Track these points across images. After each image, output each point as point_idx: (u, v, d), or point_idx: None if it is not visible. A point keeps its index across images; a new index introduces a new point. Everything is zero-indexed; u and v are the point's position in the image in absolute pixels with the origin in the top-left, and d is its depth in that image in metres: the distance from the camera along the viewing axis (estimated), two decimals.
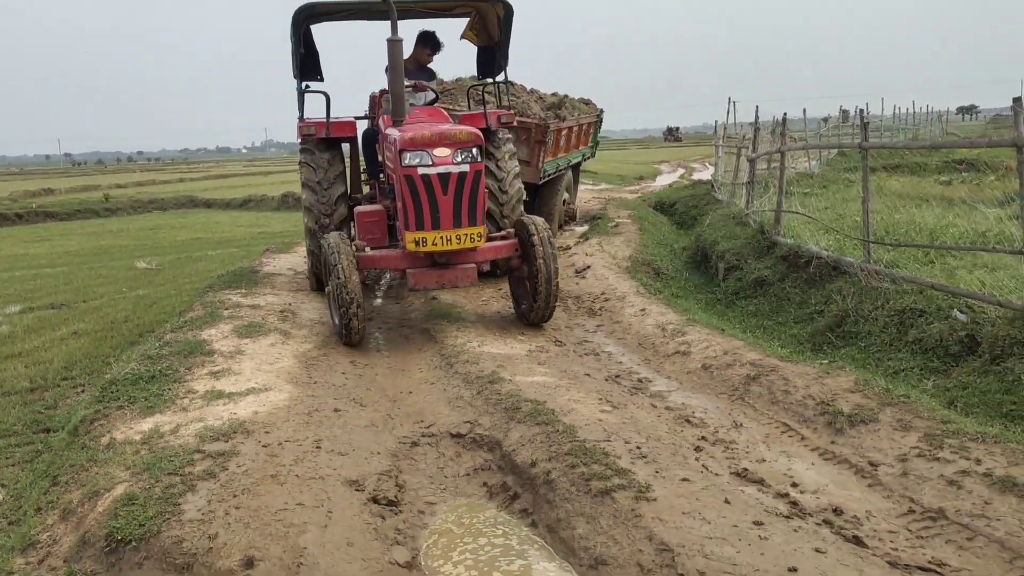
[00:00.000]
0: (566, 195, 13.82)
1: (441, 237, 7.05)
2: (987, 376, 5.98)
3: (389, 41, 7.37)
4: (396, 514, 4.51)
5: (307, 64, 9.17)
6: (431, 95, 9.19)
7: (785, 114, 11.51)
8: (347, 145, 9.90)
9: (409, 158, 6.98)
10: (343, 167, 9.17)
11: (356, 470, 4.81)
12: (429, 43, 9.31)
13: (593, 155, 15.62)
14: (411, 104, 8.47)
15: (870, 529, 4.10)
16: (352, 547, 3.99)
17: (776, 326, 8.21)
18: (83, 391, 7.01)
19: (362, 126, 9.86)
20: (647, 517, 4.00)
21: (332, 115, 9.21)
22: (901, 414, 5.17)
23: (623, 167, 42.55)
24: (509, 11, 8.73)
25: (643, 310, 8.47)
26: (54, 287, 13.50)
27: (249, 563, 3.81)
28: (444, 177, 6.99)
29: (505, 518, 4.57)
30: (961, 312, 6.72)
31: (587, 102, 14.57)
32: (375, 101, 9.42)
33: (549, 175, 12.37)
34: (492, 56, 9.35)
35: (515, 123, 9.39)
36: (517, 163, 9.25)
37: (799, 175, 19.54)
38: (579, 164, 14.79)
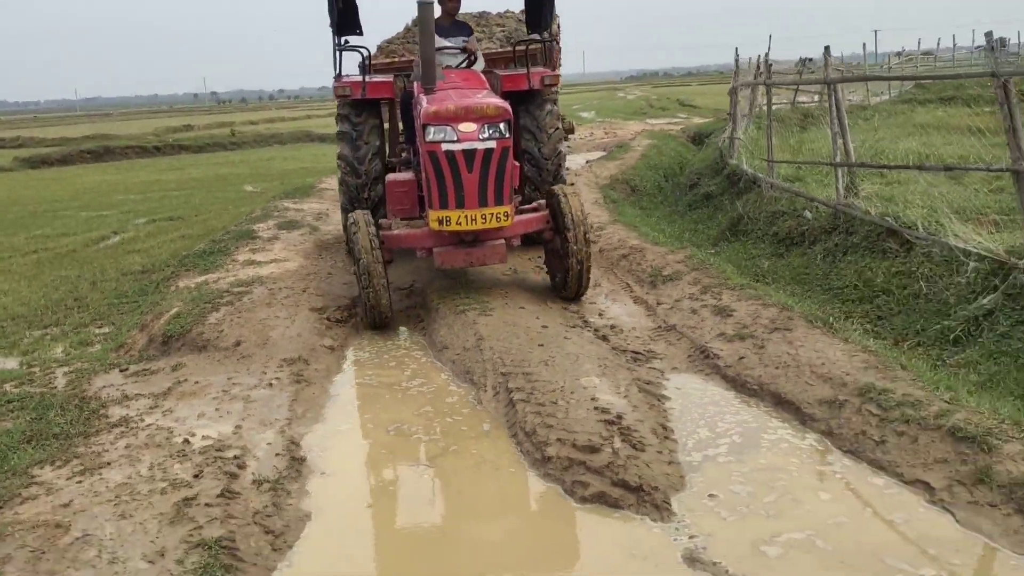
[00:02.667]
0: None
1: (466, 216, 6.64)
2: (802, 256, 8.08)
3: (420, 3, 6.82)
4: (339, 327, 7.12)
5: (345, 16, 8.41)
6: (464, 56, 8.39)
7: (767, 52, 13.05)
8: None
9: (433, 133, 6.59)
10: (380, 132, 8.57)
11: (323, 303, 7.46)
12: None
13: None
14: (447, 67, 8.01)
15: (623, 336, 6.44)
16: (300, 338, 6.64)
17: (702, 228, 10.36)
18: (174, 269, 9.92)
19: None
20: (479, 324, 6.47)
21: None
22: (699, 275, 7.41)
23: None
24: None
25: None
26: (175, 205, 16.68)
27: (237, 343, 6.51)
28: (469, 154, 6.58)
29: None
30: (809, 212, 8.75)
31: None
32: (366, 63, 8.57)
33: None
34: (540, 7, 8.40)
35: (559, 84, 8.70)
36: (560, 123, 8.56)
37: (851, 107, 20.84)
38: None
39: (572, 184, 12.90)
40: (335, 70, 8.69)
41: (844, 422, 4.70)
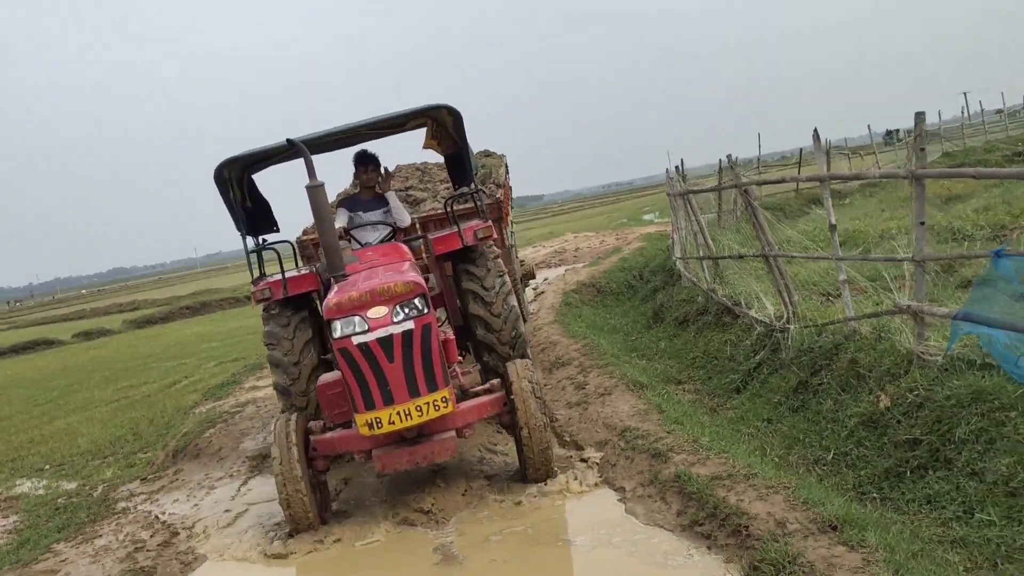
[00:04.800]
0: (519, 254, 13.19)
1: (398, 413, 5.82)
2: (684, 333, 9.87)
3: (308, 188, 6.07)
4: None
5: (256, 216, 7.97)
6: (386, 230, 7.69)
7: (681, 163, 14.07)
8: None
9: (340, 328, 5.83)
10: (313, 322, 7.52)
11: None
12: (368, 161, 7.78)
13: (513, 204, 13.51)
14: (366, 243, 7.55)
15: None
16: (265, 440, 8.78)
17: (638, 318, 12.18)
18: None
19: None
20: None
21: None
22: (585, 359, 9.25)
23: None
24: (457, 118, 7.42)
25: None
26: (245, 347, 19.32)
27: (219, 449, 8.67)
28: (386, 341, 5.80)
29: None
30: (701, 298, 10.52)
31: (489, 154, 13.02)
32: (299, 245, 8.56)
33: (515, 247, 11.81)
34: (462, 162, 7.94)
35: (495, 235, 7.71)
36: (506, 277, 7.47)
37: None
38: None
39: (541, 292, 14.90)
40: (252, 273, 7.77)
41: (606, 454, 6.51)
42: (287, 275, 7.34)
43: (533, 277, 13.96)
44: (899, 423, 5.26)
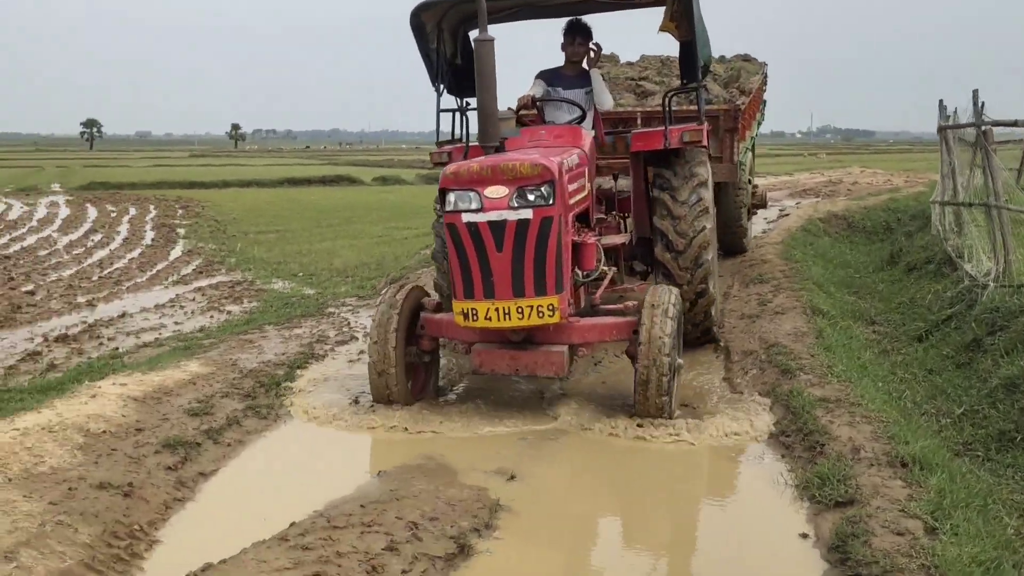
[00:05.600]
0: (750, 177, 11.53)
1: (496, 309, 5.19)
2: (901, 281, 9.34)
3: (475, 42, 5.61)
4: None
5: (466, 76, 7.26)
6: (576, 111, 6.81)
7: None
8: None
9: (453, 200, 5.21)
10: None
11: None
12: (578, 31, 6.92)
13: (763, 119, 12.57)
14: (548, 122, 6.83)
15: None
16: None
17: (875, 254, 11.56)
18: None
19: None
20: None
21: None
22: (784, 280, 9.06)
23: None
24: None
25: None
26: None
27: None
28: (497, 227, 5.12)
29: None
30: (936, 245, 9.80)
31: (747, 59, 12.14)
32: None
33: (743, 166, 10.28)
34: (692, 51, 6.85)
35: (705, 142, 6.84)
36: (707, 196, 6.68)
37: None
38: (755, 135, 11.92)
39: (785, 214, 14.36)
40: (439, 134, 7.46)
41: (742, 361, 6.55)
42: (471, 144, 6.82)
43: (764, 206, 12.47)
44: None
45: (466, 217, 5.16)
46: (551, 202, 5.12)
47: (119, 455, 4.51)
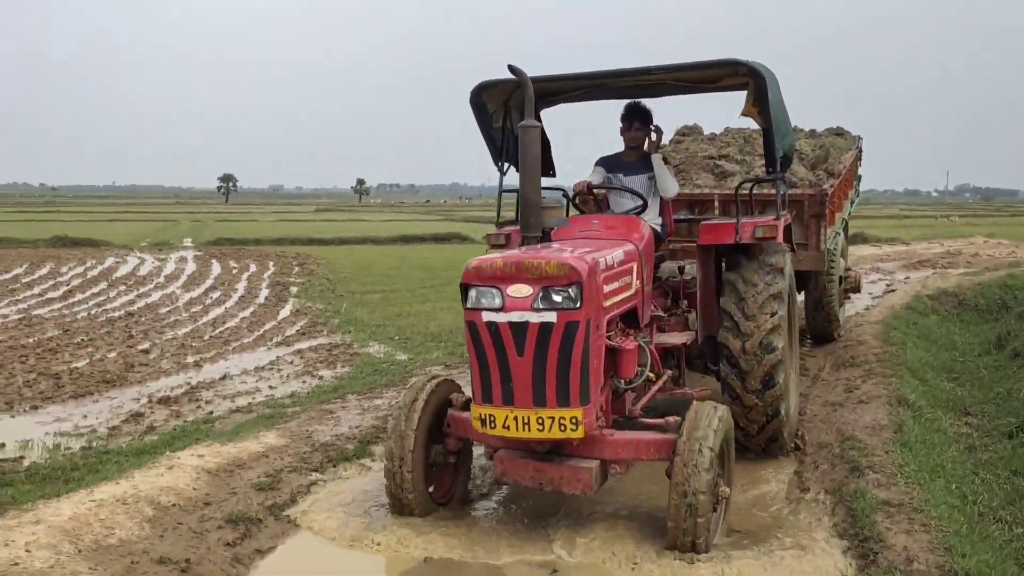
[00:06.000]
0: (843, 262, 10.82)
1: (515, 418, 4.78)
2: (1007, 367, 8.94)
3: (521, 128, 5.24)
4: None
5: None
6: (637, 200, 6.57)
7: None
8: None
9: (475, 296, 4.89)
10: None
11: None
12: (636, 115, 6.79)
13: (858, 195, 12.02)
14: (609, 211, 6.78)
15: None
16: None
17: (983, 336, 11.06)
18: None
19: None
20: None
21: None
22: (875, 366, 8.80)
23: None
24: (760, 81, 6.08)
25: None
26: None
27: None
28: (519, 329, 4.73)
29: None
30: None
31: (839, 132, 11.56)
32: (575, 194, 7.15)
33: (832, 253, 9.53)
34: (769, 138, 6.46)
35: (778, 237, 6.29)
36: (780, 279, 6.18)
37: None
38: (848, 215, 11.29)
39: (892, 290, 13.87)
40: (499, 215, 7.24)
41: (815, 455, 6.40)
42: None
43: (857, 291, 11.69)
44: None
45: (487, 316, 4.78)
46: (578, 305, 4.69)
47: (183, 529, 4.80)
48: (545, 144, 7.10)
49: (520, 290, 4.71)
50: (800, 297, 9.78)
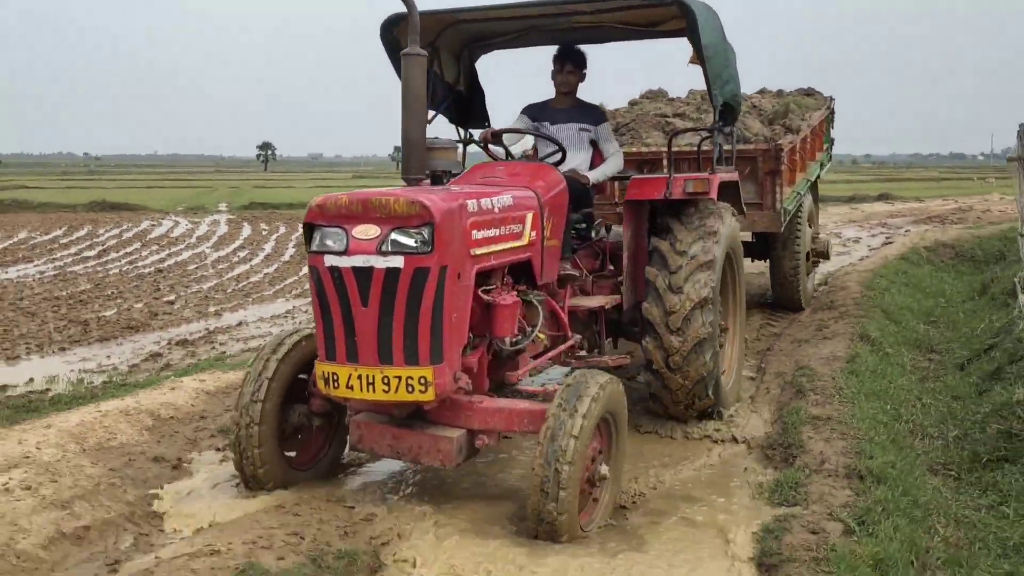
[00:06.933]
0: (809, 228, 9.99)
1: (359, 377, 4.16)
2: (983, 311, 9.28)
3: (404, 55, 4.44)
4: None
5: (471, 104, 6.72)
6: (554, 148, 5.84)
7: None
8: None
9: (317, 239, 4.24)
10: None
11: None
12: (568, 57, 6.25)
13: (830, 159, 11.32)
14: (522, 156, 6.40)
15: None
16: None
17: (970, 285, 11.37)
18: None
19: None
20: None
21: None
22: (852, 307, 9.19)
23: None
24: (691, 17, 5.30)
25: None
26: None
27: None
28: (363, 275, 4.11)
29: None
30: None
31: (809, 92, 10.94)
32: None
33: (791, 213, 8.79)
34: (709, 86, 5.79)
35: (711, 192, 5.65)
36: (714, 246, 5.55)
37: None
38: (816, 179, 10.56)
39: (890, 241, 14.12)
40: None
41: (770, 383, 6.87)
42: None
43: (826, 258, 10.82)
44: (1021, 418, 5.05)
45: (329, 260, 4.13)
46: (429, 249, 4.04)
47: (179, 436, 5.43)
48: (479, 92, 6.78)
49: (366, 231, 4.09)
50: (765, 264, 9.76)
